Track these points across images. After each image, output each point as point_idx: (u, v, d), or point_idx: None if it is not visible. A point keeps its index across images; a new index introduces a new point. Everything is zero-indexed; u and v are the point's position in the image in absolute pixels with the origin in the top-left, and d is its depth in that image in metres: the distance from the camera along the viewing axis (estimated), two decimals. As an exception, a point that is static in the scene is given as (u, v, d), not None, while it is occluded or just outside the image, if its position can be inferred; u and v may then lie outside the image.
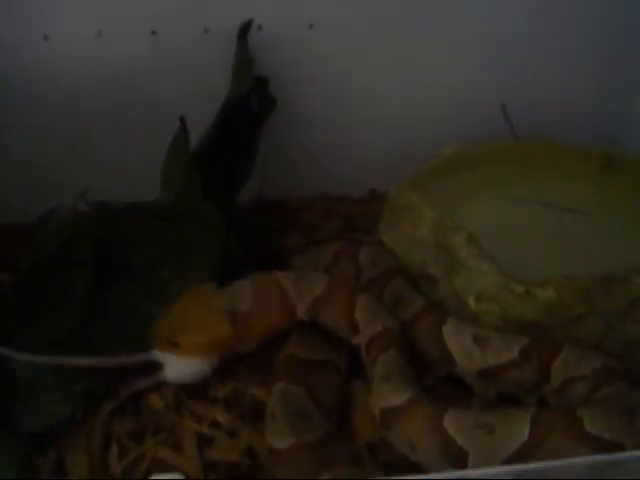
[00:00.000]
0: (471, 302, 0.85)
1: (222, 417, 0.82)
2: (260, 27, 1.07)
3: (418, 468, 0.75)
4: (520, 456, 0.71)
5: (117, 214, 0.99)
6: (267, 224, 1.14)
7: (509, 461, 0.71)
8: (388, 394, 0.77)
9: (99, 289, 0.90)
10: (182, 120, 0.99)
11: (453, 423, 0.73)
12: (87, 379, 0.83)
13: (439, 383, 0.84)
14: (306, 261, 0.98)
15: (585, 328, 0.82)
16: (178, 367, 0.84)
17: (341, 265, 0.98)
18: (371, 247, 0.99)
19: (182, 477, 0.68)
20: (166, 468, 0.78)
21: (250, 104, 1.07)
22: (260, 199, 1.17)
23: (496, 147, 1.09)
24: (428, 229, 0.94)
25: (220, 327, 0.83)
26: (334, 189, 1.20)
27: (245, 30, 1.05)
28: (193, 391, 0.86)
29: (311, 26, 1.08)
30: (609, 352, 0.81)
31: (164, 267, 0.94)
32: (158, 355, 0.84)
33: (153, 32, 1.06)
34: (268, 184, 1.16)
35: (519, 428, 0.72)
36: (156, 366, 0.84)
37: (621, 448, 0.70)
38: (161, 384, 0.85)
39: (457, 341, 0.82)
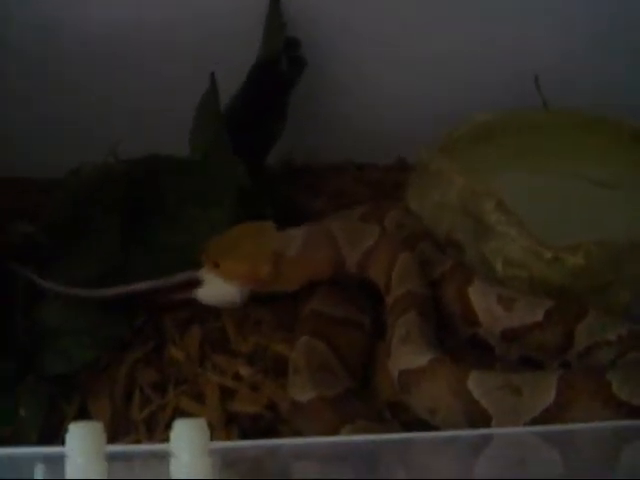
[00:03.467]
0: (499, 267, 0.84)
1: (245, 370, 0.83)
2: (293, -12, 1.06)
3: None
4: (545, 419, 0.70)
5: (148, 165, 0.99)
6: (295, 188, 1.14)
7: (533, 424, 0.70)
8: (408, 356, 0.76)
9: (130, 230, 0.90)
10: (212, 77, 0.98)
11: (477, 384, 0.72)
12: (113, 325, 0.84)
13: (462, 345, 0.83)
14: (334, 218, 0.97)
15: (612, 295, 0.81)
16: (213, 288, 0.84)
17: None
18: (397, 211, 0.98)
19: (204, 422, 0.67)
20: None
21: (280, 66, 1.07)
22: (288, 163, 1.17)
23: (528, 117, 1.08)
24: (457, 195, 0.93)
25: (261, 265, 0.83)
26: (363, 156, 1.19)
27: (277, -9, 1.04)
28: (216, 344, 0.86)
29: (344, -12, 1.07)
30: (635, 320, 0.80)
31: (193, 206, 0.94)
32: (202, 273, 0.84)
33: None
34: (297, 148, 1.16)
35: (545, 390, 0.71)
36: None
37: (648, 414, 0.69)
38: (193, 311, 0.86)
39: (482, 301, 0.82)
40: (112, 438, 0.77)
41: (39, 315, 0.83)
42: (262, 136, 1.07)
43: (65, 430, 0.74)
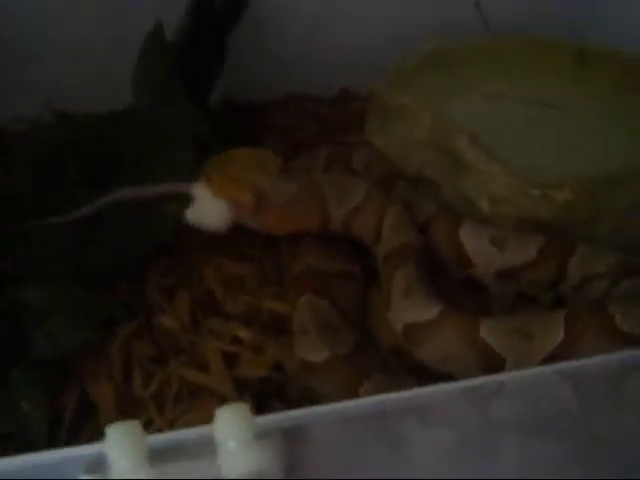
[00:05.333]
0: (484, 205, 0.85)
1: (243, 333, 0.81)
2: None
3: (448, 377, 0.75)
4: (556, 357, 0.73)
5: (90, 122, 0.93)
6: (239, 125, 1.10)
7: (545, 363, 0.73)
8: (413, 309, 0.76)
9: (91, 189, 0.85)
10: (158, 23, 0.93)
11: (489, 331, 0.73)
12: (97, 303, 0.80)
13: (456, 287, 0.85)
14: (298, 168, 0.95)
15: (594, 227, 0.83)
16: (202, 204, 0.83)
17: (334, 171, 0.96)
18: (363, 151, 0.97)
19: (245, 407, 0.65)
20: (196, 389, 0.76)
21: (216, 5, 1.02)
22: (229, 101, 1.12)
23: (473, 44, 1.07)
24: (425, 131, 0.92)
25: (245, 191, 0.83)
26: (304, 89, 1.16)
27: None
28: (207, 308, 0.83)
29: None
30: (618, 248, 0.83)
31: (150, 163, 0.90)
32: (194, 188, 0.83)
33: None
34: (238, 85, 1.11)
35: (554, 329, 0.73)
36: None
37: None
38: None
39: (474, 243, 0.82)
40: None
41: (19, 298, 0.77)
42: (205, 74, 1.03)
43: (68, 420, 0.73)
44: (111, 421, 0.74)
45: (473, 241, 0.83)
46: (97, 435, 0.73)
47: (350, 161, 0.96)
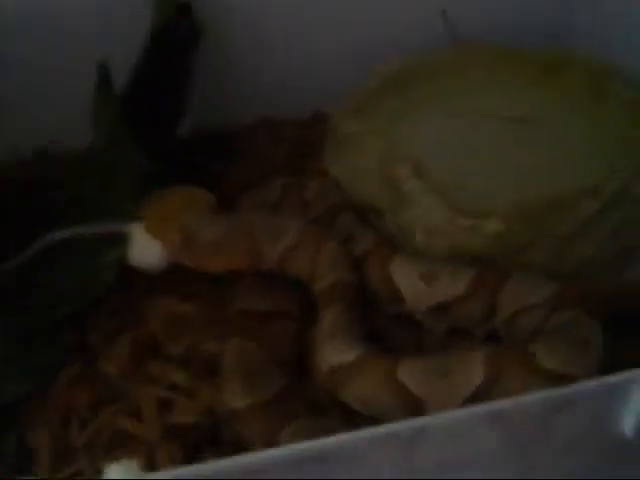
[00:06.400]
0: (418, 237, 0.83)
1: (179, 377, 0.82)
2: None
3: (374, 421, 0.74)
4: (477, 397, 0.71)
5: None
6: (210, 154, 1.11)
7: (466, 403, 0.71)
8: (335, 352, 0.76)
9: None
10: (102, 67, 0.94)
11: (407, 373, 0.72)
12: (41, 352, 0.82)
13: (389, 321, 0.83)
14: (254, 199, 0.96)
15: (535, 254, 0.81)
16: (139, 243, 0.86)
17: (288, 201, 0.95)
18: (316, 181, 0.96)
19: (133, 464, 0.67)
20: (126, 438, 0.78)
21: (176, 31, 1.03)
22: (200, 131, 1.13)
23: (436, 59, 1.05)
24: (373, 160, 0.91)
25: (173, 232, 0.84)
26: (277, 113, 1.15)
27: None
28: (147, 351, 0.85)
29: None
30: (559, 276, 0.80)
31: (90, 204, 0.91)
32: (131, 227, 0.86)
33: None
34: (209, 114, 1.11)
35: (473, 370, 0.72)
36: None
37: (575, 380, 0.70)
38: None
39: (404, 278, 0.81)
40: (55, 470, 0.77)
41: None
42: (170, 107, 1.04)
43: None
44: (45, 470, 0.78)
45: (402, 276, 0.81)
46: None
47: (303, 192, 0.95)
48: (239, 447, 0.76)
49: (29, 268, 0.85)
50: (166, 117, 1.04)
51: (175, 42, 1.03)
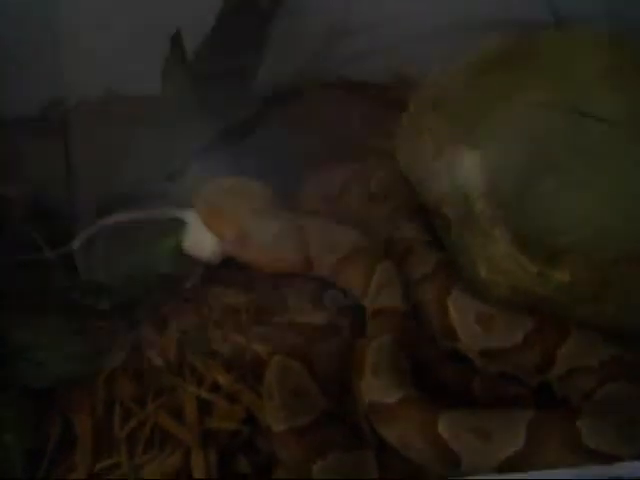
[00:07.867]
0: (483, 271, 0.79)
1: (222, 378, 0.82)
2: None
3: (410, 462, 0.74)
4: (513, 463, 0.69)
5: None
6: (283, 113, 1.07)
7: (501, 467, 0.70)
8: (377, 390, 0.74)
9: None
10: (176, 35, 0.91)
11: (447, 426, 0.71)
12: (83, 341, 0.83)
13: (441, 355, 0.81)
14: (315, 187, 0.92)
15: (599, 307, 0.76)
16: (195, 233, 0.86)
17: (354, 190, 0.92)
18: (384, 175, 0.92)
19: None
20: (166, 436, 0.79)
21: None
22: (276, 86, 1.08)
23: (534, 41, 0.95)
24: (445, 162, 0.86)
25: (227, 229, 0.83)
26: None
27: None
28: (195, 344, 0.85)
29: None
30: (623, 333, 0.76)
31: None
32: (187, 215, 0.86)
33: None
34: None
35: (514, 434, 0.70)
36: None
37: (619, 461, 0.68)
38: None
39: (460, 317, 0.78)
40: (95, 459, 0.79)
41: (6, 329, 0.82)
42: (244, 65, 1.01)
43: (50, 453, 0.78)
44: (87, 456, 0.81)
45: (459, 313, 0.78)
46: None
47: (368, 183, 0.91)
48: (275, 459, 0.77)
49: (84, 251, 0.84)
50: (241, 74, 1.01)
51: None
